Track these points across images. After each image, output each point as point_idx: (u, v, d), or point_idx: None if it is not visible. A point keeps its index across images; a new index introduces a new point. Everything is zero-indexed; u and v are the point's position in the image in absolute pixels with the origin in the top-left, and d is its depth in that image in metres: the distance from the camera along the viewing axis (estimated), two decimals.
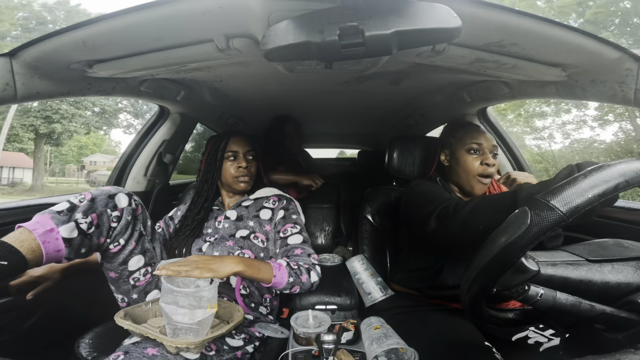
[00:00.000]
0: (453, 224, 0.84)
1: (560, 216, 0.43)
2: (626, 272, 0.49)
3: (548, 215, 0.43)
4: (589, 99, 1.00)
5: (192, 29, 0.82)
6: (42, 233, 0.77)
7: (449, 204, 0.90)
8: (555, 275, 0.49)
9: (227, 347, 0.92)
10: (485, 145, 1.11)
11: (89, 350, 0.95)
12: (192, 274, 0.82)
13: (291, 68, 1.11)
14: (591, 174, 0.44)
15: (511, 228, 0.46)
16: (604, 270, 0.50)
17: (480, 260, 0.49)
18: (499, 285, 0.50)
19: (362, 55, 0.61)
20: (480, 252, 0.51)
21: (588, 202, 0.42)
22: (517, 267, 0.48)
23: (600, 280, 0.49)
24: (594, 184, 0.43)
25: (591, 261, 0.51)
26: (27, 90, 0.91)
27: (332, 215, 2.30)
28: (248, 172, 1.25)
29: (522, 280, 0.48)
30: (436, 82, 1.37)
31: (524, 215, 0.46)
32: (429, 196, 1.04)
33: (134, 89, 1.22)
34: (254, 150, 1.30)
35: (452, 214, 0.86)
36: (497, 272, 0.48)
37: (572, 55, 0.87)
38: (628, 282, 0.48)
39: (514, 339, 0.92)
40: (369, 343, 0.83)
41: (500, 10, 0.71)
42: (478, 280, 0.50)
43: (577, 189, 0.43)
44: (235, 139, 1.27)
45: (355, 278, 1.24)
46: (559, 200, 0.44)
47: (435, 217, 0.92)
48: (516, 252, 0.45)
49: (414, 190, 1.12)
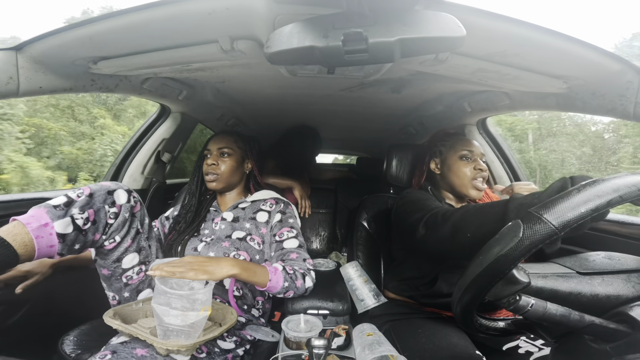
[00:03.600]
0: (442, 230, 0.85)
1: (553, 230, 0.43)
2: (616, 284, 0.50)
3: (540, 228, 0.44)
4: (588, 111, 1.00)
5: (197, 29, 0.83)
6: (36, 227, 0.76)
7: (438, 211, 0.91)
8: (545, 287, 0.50)
9: (218, 349, 0.91)
10: (476, 152, 1.15)
11: (72, 348, 0.94)
12: (187, 276, 0.81)
13: (294, 72, 1.12)
14: (585, 188, 0.45)
15: (504, 240, 0.47)
16: (593, 282, 0.50)
17: (473, 271, 0.50)
18: (490, 295, 0.50)
19: (365, 62, 0.62)
20: (473, 263, 0.51)
21: (580, 216, 0.43)
22: (509, 278, 0.48)
23: (590, 293, 0.50)
24: (587, 198, 0.43)
25: (581, 274, 0.52)
26: (30, 85, 0.91)
27: (328, 220, 2.30)
28: (214, 170, 1.21)
29: (513, 291, 0.49)
30: (438, 91, 1.38)
31: (516, 228, 0.46)
32: (418, 204, 1.05)
33: (137, 86, 1.23)
34: (231, 148, 1.24)
35: (441, 221, 0.86)
36: (488, 282, 0.48)
37: (574, 66, 0.88)
38: (618, 295, 0.49)
39: (504, 348, 0.92)
40: (360, 349, 0.83)
41: (504, 20, 0.71)
42: (470, 290, 0.51)
43: (570, 204, 0.44)
44: (215, 137, 1.27)
45: (348, 284, 1.24)
46: (551, 214, 0.44)
47: (424, 224, 0.92)
48: (508, 264, 0.46)
49: (405, 198, 1.13)
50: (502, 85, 1.08)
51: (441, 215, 0.88)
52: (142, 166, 1.66)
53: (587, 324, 0.46)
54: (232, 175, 1.25)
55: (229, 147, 1.24)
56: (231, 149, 1.24)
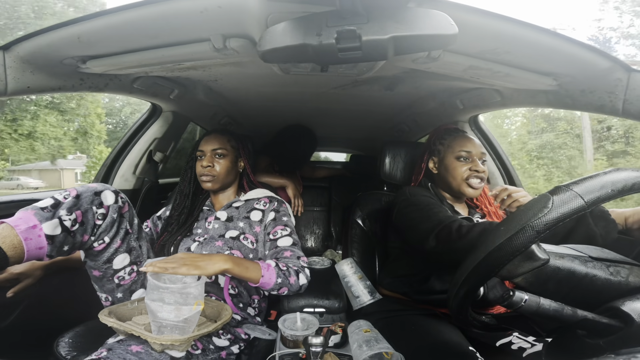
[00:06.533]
0: (459, 246, 0.84)
1: (582, 204, 0.45)
2: (623, 273, 0.51)
3: (570, 201, 0.45)
4: (577, 108, 1.02)
5: (189, 27, 0.82)
6: (25, 229, 0.76)
7: (451, 225, 0.90)
8: (563, 267, 0.50)
9: (213, 346, 0.91)
10: (474, 153, 1.12)
11: (68, 350, 0.93)
12: (179, 271, 0.81)
13: (287, 70, 1.12)
14: (611, 172, 0.47)
15: (531, 210, 0.47)
16: (605, 268, 0.51)
17: (493, 241, 0.49)
18: (505, 273, 0.50)
19: (358, 60, 0.62)
20: (492, 233, 0.51)
21: (607, 196, 0.45)
22: (528, 254, 0.49)
23: (604, 277, 0.50)
24: (616, 180, 0.46)
25: (594, 258, 0.52)
26: (17, 85, 0.89)
27: (323, 218, 2.30)
28: (210, 172, 1.20)
29: (530, 268, 0.49)
30: (430, 88, 1.38)
31: (545, 200, 0.47)
32: (425, 211, 1.03)
33: (127, 85, 1.21)
34: (225, 149, 1.23)
35: (456, 237, 0.86)
36: (511, 254, 0.47)
37: (564, 64, 0.89)
38: (627, 282, 0.50)
39: (498, 344, 0.93)
40: (357, 345, 0.83)
41: (495, 17, 0.72)
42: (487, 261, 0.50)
43: (599, 182, 0.46)
44: (208, 137, 1.25)
45: (344, 281, 1.25)
46: (581, 189, 0.46)
47: (434, 236, 0.91)
48: (533, 236, 0.46)
49: (409, 200, 1.11)
50: (493, 83, 1.09)
51: (455, 230, 0.87)
52: (134, 166, 1.64)
53: (579, 319, 0.47)
54: (227, 175, 1.24)
55: (223, 148, 1.23)
56: (225, 149, 1.23)
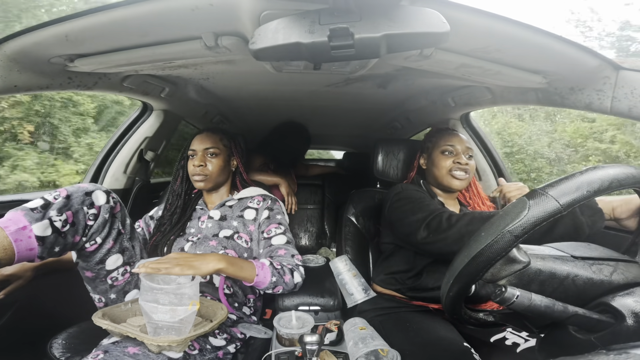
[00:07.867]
0: (447, 235, 0.88)
1: (558, 207, 0.45)
2: (606, 271, 0.52)
3: (546, 205, 0.45)
4: (566, 106, 1.03)
5: (180, 25, 0.81)
6: (15, 231, 0.75)
7: (441, 215, 0.93)
8: (544, 269, 0.51)
9: (210, 346, 0.91)
10: (459, 147, 1.17)
11: (62, 351, 0.92)
12: (173, 272, 0.81)
13: (279, 68, 1.11)
14: (588, 172, 0.47)
15: (509, 216, 0.47)
16: (587, 267, 0.52)
17: (474, 247, 0.49)
18: (489, 276, 0.51)
19: (351, 58, 0.61)
20: (473, 240, 0.51)
21: (583, 197, 0.45)
22: (509, 257, 0.49)
23: (585, 276, 0.51)
24: (591, 180, 0.46)
25: (575, 257, 0.53)
26: (4, 84, 0.88)
27: (316, 216, 2.30)
28: (203, 171, 1.18)
29: (513, 271, 0.49)
30: (422, 86, 1.39)
31: (522, 205, 0.47)
32: (416, 203, 1.06)
33: (117, 84, 1.19)
34: (217, 147, 1.22)
35: (446, 226, 0.90)
36: (491, 259, 0.48)
37: (553, 62, 0.90)
38: (610, 281, 0.51)
39: (492, 340, 0.94)
40: (353, 343, 0.84)
41: (486, 16, 0.72)
42: (470, 267, 0.50)
43: (574, 184, 0.46)
44: (199, 136, 1.23)
45: (338, 278, 1.25)
46: (557, 192, 0.46)
47: (425, 226, 0.95)
48: (512, 240, 0.46)
49: (400, 195, 1.14)
50: (484, 81, 1.10)
51: (445, 219, 0.91)
52: (125, 165, 1.62)
53: (570, 315, 0.47)
54: (220, 174, 1.23)
55: (215, 147, 1.21)
56: (217, 148, 1.22)
